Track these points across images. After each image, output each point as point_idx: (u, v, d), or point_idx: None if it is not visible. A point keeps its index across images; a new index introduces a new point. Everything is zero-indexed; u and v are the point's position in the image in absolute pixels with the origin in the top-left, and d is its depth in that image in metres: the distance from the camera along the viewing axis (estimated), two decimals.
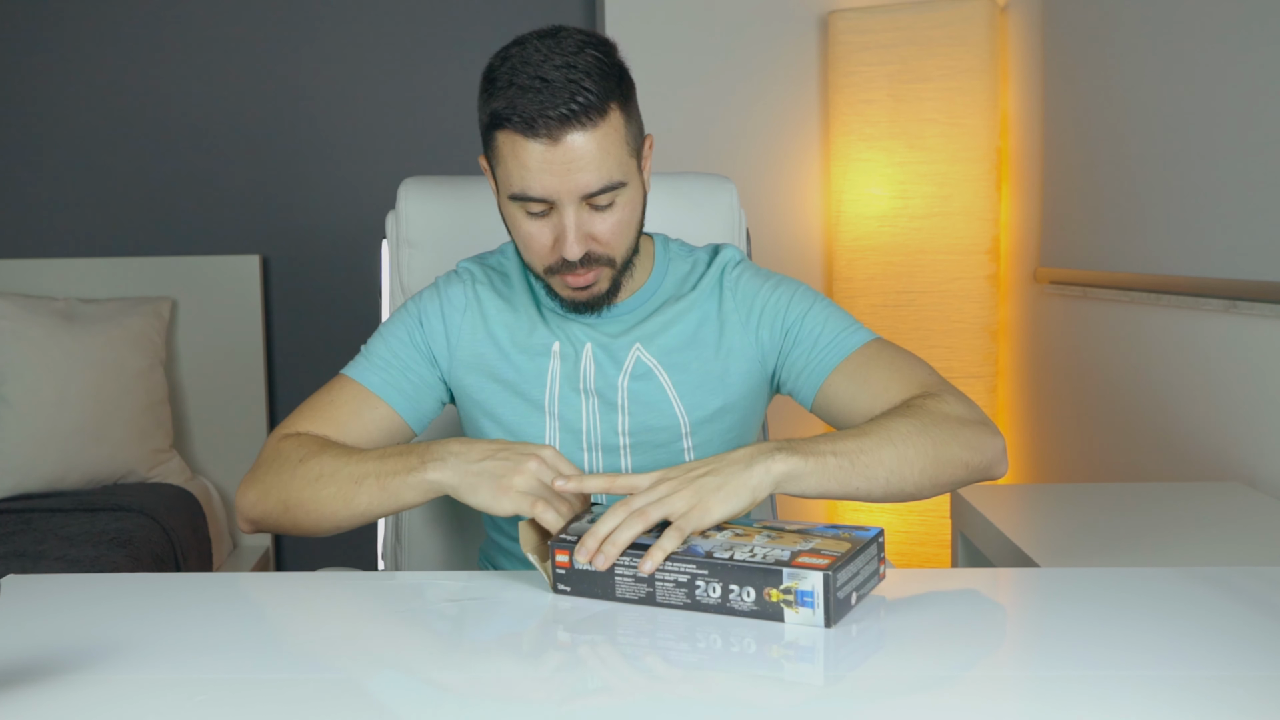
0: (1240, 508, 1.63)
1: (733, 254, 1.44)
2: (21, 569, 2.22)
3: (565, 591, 1.07)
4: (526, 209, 1.27)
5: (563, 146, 1.21)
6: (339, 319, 3.18)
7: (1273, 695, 0.85)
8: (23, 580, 1.16)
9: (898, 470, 1.15)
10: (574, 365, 1.38)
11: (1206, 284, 1.86)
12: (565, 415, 1.37)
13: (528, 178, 1.23)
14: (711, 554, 1.02)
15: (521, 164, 1.23)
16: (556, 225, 1.26)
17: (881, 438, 1.15)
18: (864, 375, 1.30)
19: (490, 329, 1.40)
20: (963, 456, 1.19)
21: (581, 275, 1.29)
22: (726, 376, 1.38)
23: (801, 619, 0.98)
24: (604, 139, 1.23)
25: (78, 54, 3.12)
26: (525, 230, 1.28)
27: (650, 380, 1.37)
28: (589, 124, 1.22)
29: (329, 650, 0.97)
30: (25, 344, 2.78)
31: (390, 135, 3.17)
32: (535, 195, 1.24)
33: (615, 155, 1.25)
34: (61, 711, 0.84)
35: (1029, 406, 2.65)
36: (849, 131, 2.80)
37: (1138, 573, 1.15)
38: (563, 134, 1.21)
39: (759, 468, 1.08)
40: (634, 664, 0.97)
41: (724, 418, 1.39)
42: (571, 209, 1.25)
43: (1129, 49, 2.12)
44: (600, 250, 1.29)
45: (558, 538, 1.08)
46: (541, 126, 1.21)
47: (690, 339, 1.39)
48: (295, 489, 1.23)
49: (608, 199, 1.26)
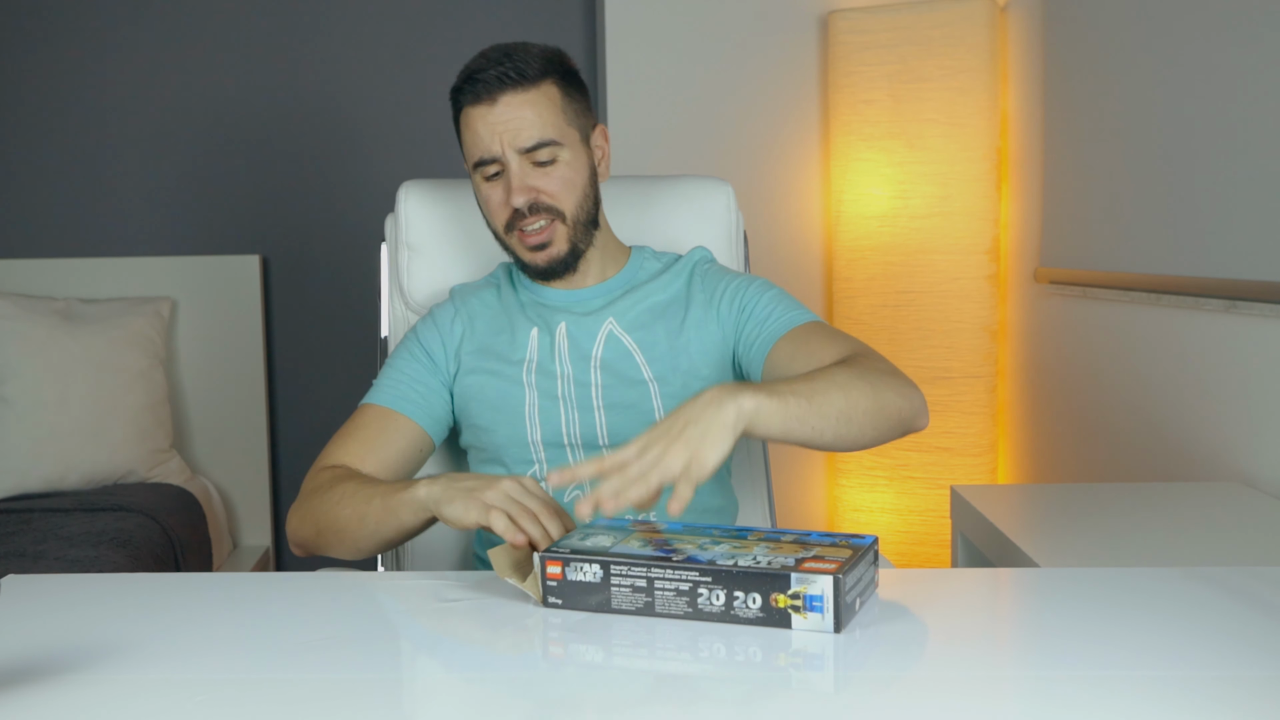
0: (1239, 508, 1.63)
1: (704, 252, 1.60)
2: (21, 569, 2.22)
3: (557, 605, 1.05)
4: (483, 174, 1.46)
5: (500, 106, 1.42)
6: (339, 319, 3.18)
7: (1273, 695, 0.85)
8: (23, 580, 1.16)
9: (846, 412, 1.21)
10: (550, 343, 1.51)
11: (1206, 284, 1.86)
12: (542, 385, 1.49)
13: (476, 141, 1.44)
14: (714, 562, 1.01)
15: (472, 130, 1.44)
16: (505, 182, 1.45)
17: (828, 382, 1.22)
18: (803, 342, 1.42)
19: (475, 326, 1.54)
20: (897, 403, 1.27)
21: (535, 230, 1.45)
22: (690, 346, 1.50)
23: (810, 624, 0.98)
24: (537, 103, 1.43)
25: (78, 54, 3.12)
26: (484, 194, 1.48)
27: (620, 349, 1.50)
28: (520, 87, 1.42)
29: (329, 650, 0.97)
30: (25, 344, 2.78)
31: (392, 135, 3.17)
32: (482, 154, 1.44)
33: (549, 118, 1.44)
34: (61, 711, 0.84)
35: (1029, 406, 2.65)
36: (849, 131, 2.80)
37: (1138, 573, 1.15)
38: (499, 95, 1.42)
39: (730, 406, 1.11)
40: (636, 669, 0.97)
41: (691, 385, 1.48)
42: (514, 162, 1.43)
43: (1129, 49, 2.12)
44: (546, 200, 1.45)
45: (547, 550, 1.06)
46: (482, 88, 1.42)
47: (659, 313, 1.52)
48: (323, 513, 1.34)
49: (547, 154, 1.44)
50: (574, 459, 1.48)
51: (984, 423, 2.73)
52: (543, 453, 1.48)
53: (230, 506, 3.12)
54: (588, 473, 1.11)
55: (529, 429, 1.48)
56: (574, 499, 1.46)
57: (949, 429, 2.72)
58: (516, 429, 1.48)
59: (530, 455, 1.49)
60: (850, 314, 2.82)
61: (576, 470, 1.11)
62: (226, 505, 3.10)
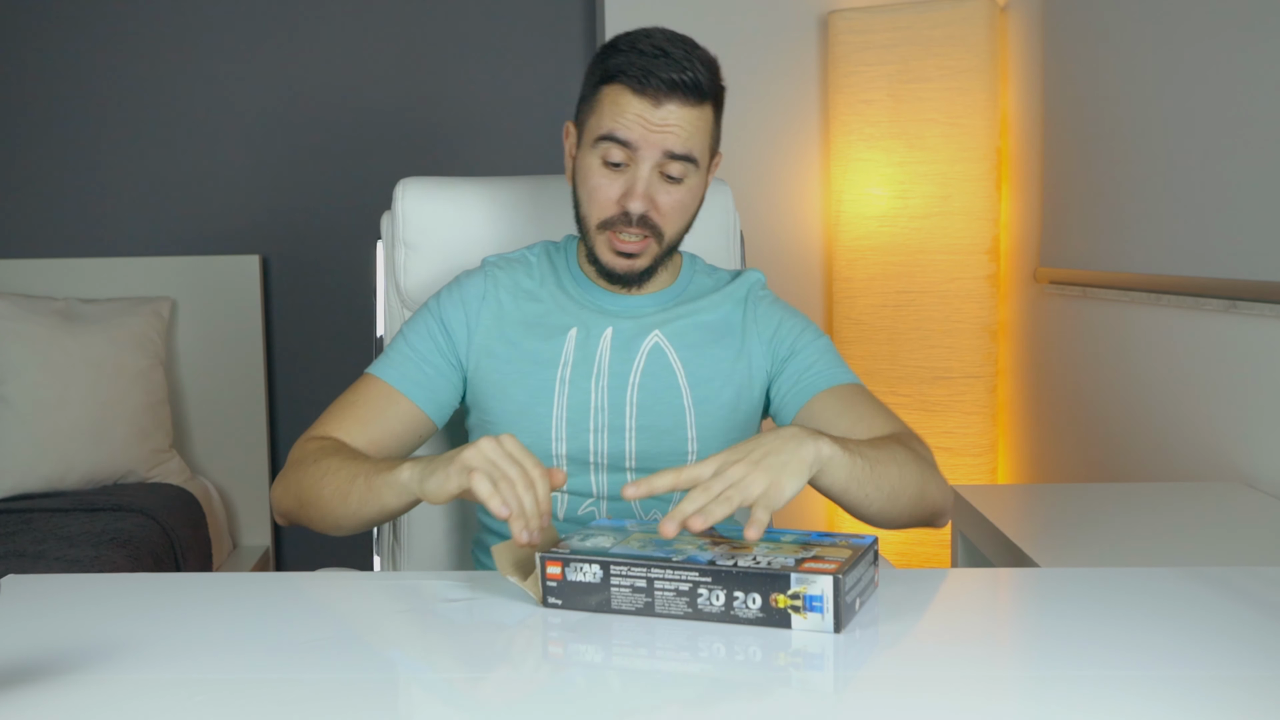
0: (1240, 507, 1.63)
1: (759, 276, 1.54)
2: (21, 569, 2.22)
3: (557, 605, 1.05)
4: (606, 157, 1.36)
5: (663, 110, 1.33)
6: (339, 319, 3.18)
7: (1273, 695, 0.85)
8: (23, 580, 1.16)
9: (897, 489, 1.23)
10: (590, 348, 1.43)
11: (1206, 284, 1.86)
12: (574, 394, 1.42)
13: (622, 121, 1.33)
14: (714, 562, 1.01)
15: (620, 110, 1.34)
16: (629, 180, 1.36)
17: (890, 456, 1.23)
18: (849, 403, 1.40)
19: (507, 312, 1.46)
20: (935, 496, 1.29)
21: (632, 240, 1.38)
22: (739, 377, 1.45)
23: (809, 624, 0.98)
24: (697, 119, 1.35)
25: (77, 54, 3.12)
26: (595, 181, 1.37)
27: (663, 365, 1.43)
28: (690, 100, 1.33)
29: (330, 650, 0.97)
30: (25, 344, 2.78)
31: (392, 135, 3.17)
32: (622, 137, 1.34)
33: (700, 138, 1.36)
34: (61, 711, 0.84)
35: (1029, 406, 2.65)
36: (849, 131, 2.80)
37: (1138, 573, 1.15)
38: (667, 99, 1.33)
39: (810, 446, 1.11)
40: (636, 669, 0.96)
41: (730, 415, 1.44)
42: (648, 165, 1.35)
43: (1129, 49, 2.12)
44: (657, 219, 1.37)
45: (548, 551, 1.06)
46: (651, 86, 1.32)
47: (710, 334, 1.46)
48: (306, 486, 1.30)
49: (680, 170, 1.36)
50: (596, 475, 1.42)
51: (984, 423, 2.73)
52: (565, 466, 1.42)
53: (230, 506, 3.12)
54: (664, 484, 1.08)
55: (554, 442, 1.42)
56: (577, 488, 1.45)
57: (949, 429, 2.72)
58: (541, 440, 1.41)
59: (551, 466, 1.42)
60: (850, 314, 2.82)
61: (653, 482, 1.08)
62: (226, 505, 3.10)
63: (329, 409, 1.42)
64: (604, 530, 1.13)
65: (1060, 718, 0.83)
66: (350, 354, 3.18)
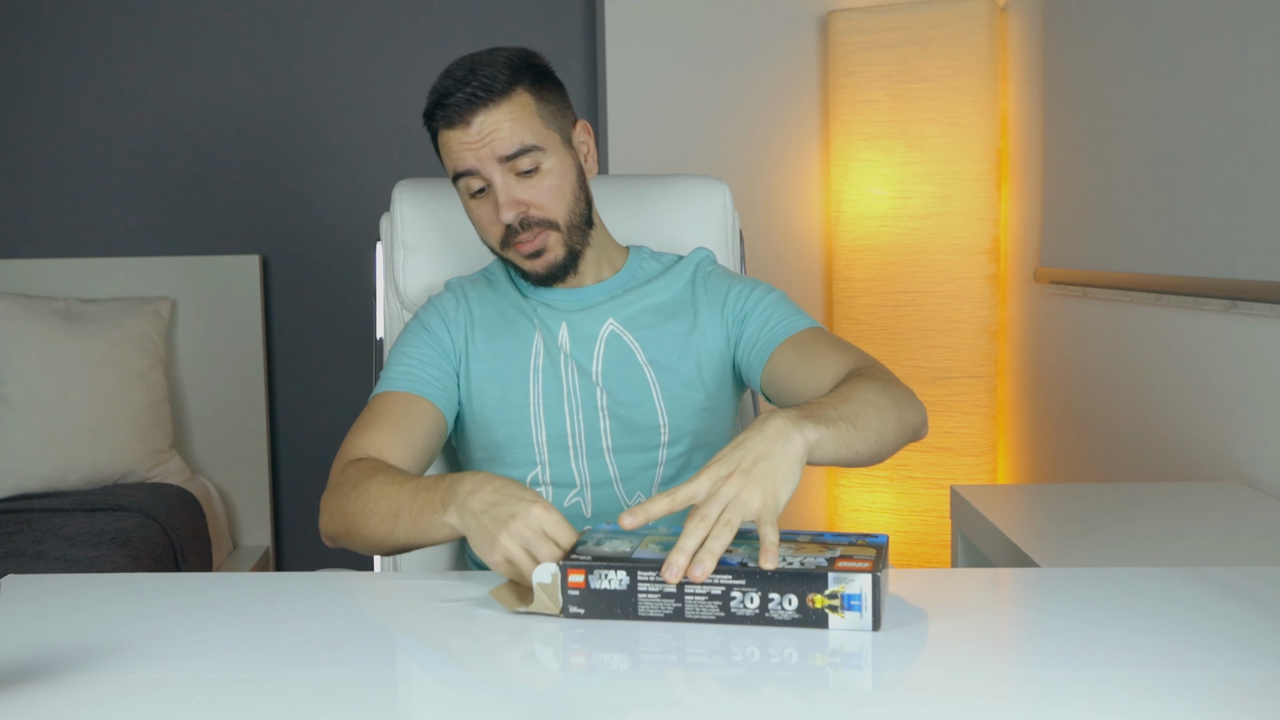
0: (1239, 508, 1.63)
1: (706, 253, 1.59)
2: (21, 569, 2.22)
3: (579, 615, 1.02)
4: (469, 190, 1.43)
5: (474, 128, 1.39)
6: (339, 319, 3.18)
7: (1273, 695, 0.85)
8: (23, 580, 1.16)
9: (880, 431, 1.23)
10: (553, 342, 1.50)
11: (1206, 284, 1.86)
12: (548, 380, 1.49)
13: (455, 157, 1.41)
14: (746, 564, 0.99)
15: (448, 149, 1.42)
16: (493, 198, 1.42)
17: (862, 400, 1.24)
18: (806, 350, 1.42)
19: (477, 318, 1.53)
20: (911, 416, 1.30)
21: (528, 241, 1.43)
22: (698, 350, 1.50)
23: (847, 624, 0.97)
24: (510, 113, 1.39)
25: (78, 54, 3.12)
26: (474, 214, 1.45)
27: (622, 349, 1.49)
28: (489, 102, 1.38)
29: (329, 650, 0.97)
30: (25, 344, 2.78)
31: (393, 135, 3.17)
32: (463, 169, 1.41)
33: (525, 124, 1.40)
34: (61, 711, 0.84)
35: (1029, 406, 2.65)
36: (849, 131, 2.80)
37: (1138, 573, 1.15)
38: (470, 116, 1.39)
39: (796, 438, 1.11)
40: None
41: (695, 388, 1.49)
42: (498, 177, 1.40)
43: (1129, 49, 2.12)
44: (537, 213, 1.42)
45: (568, 558, 1.04)
46: (451, 114, 1.39)
47: (661, 314, 1.52)
48: (350, 515, 1.30)
49: (529, 162, 1.40)
50: (577, 461, 1.47)
51: (984, 423, 2.73)
52: (546, 454, 1.48)
53: (230, 506, 3.12)
54: (661, 509, 1.07)
55: (534, 429, 1.48)
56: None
57: (949, 429, 2.72)
58: (521, 429, 1.48)
59: (534, 456, 1.48)
60: (850, 314, 2.82)
61: (649, 508, 1.07)
62: (226, 505, 3.10)
63: (354, 430, 1.42)
64: (611, 535, 1.11)
65: (1060, 718, 0.83)
66: (350, 354, 3.18)
